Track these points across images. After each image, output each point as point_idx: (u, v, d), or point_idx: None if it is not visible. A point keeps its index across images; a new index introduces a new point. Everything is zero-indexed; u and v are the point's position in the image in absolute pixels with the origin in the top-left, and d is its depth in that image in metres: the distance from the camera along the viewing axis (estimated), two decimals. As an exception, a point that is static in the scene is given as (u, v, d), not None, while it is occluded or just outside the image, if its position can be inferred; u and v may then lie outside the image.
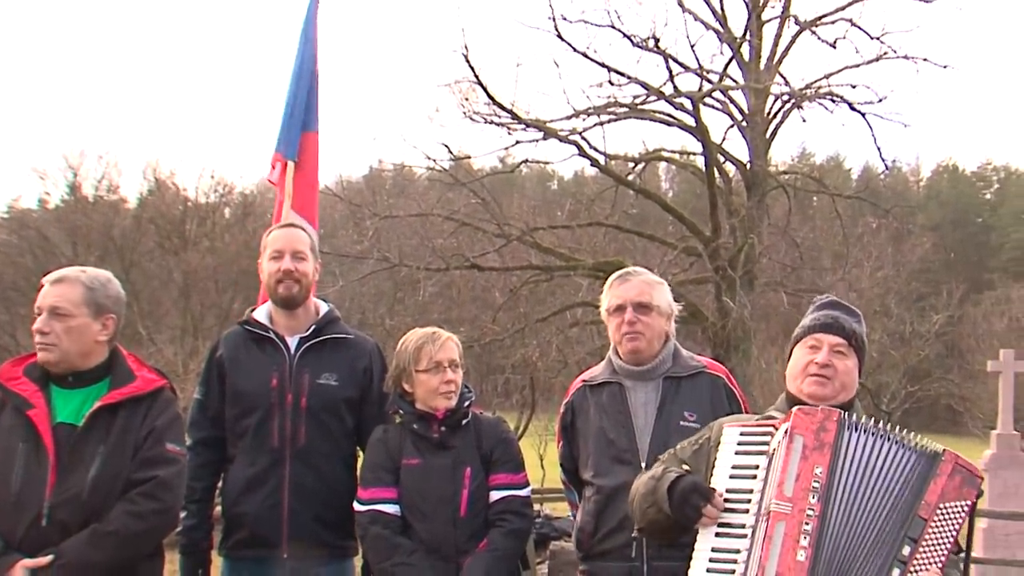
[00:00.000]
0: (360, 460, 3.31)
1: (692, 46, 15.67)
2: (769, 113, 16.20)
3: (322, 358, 3.33)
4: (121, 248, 23.55)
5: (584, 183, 23.72)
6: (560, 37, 14.80)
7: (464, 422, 3.11)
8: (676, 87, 15.34)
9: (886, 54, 15.73)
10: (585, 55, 14.95)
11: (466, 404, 3.12)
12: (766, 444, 2.41)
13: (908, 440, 2.36)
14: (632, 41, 15.13)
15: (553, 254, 15.27)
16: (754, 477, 2.38)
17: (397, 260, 15.05)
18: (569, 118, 14.92)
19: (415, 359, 3.08)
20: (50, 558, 2.64)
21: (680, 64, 15.46)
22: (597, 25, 14.95)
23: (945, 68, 15.81)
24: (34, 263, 21.08)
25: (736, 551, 2.33)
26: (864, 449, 2.33)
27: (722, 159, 15.90)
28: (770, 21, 16.08)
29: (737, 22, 15.87)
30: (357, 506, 3.08)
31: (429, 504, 3.02)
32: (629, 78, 15.15)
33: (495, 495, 3.07)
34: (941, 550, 2.27)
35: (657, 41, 14.92)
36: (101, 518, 2.70)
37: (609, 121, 15.28)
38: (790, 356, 2.66)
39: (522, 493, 3.12)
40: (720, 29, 15.72)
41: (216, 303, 23.08)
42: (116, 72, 62.87)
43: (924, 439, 2.39)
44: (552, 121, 14.94)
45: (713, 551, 2.37)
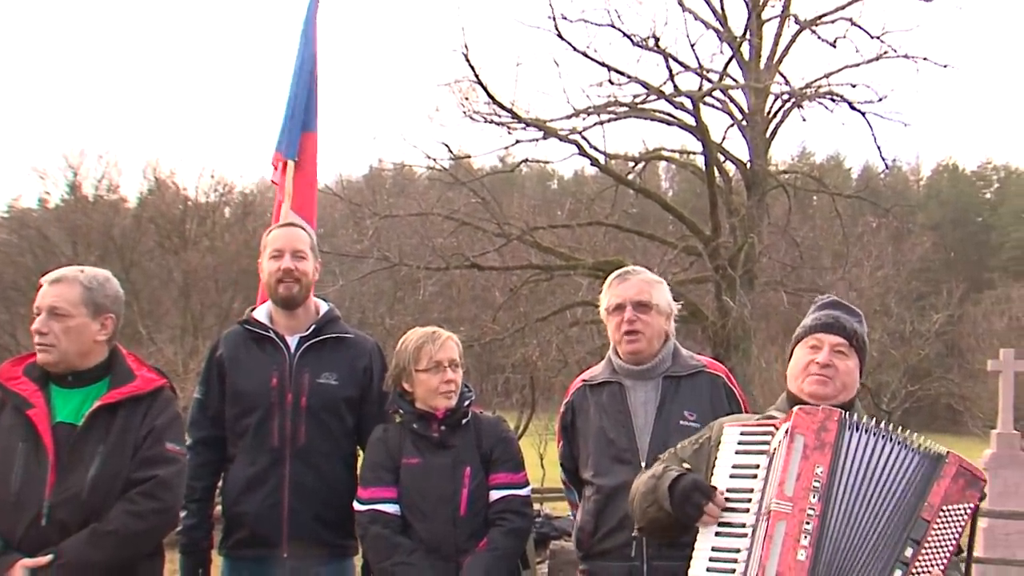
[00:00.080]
0: (360, 459, 3.31)
1: (692, 45, 15.71)
2: (769, 112, 16.20)
3: (322, 357, 3.32)
4: (121, 247, 23.56)
5: (584, 182, 23.71)
6: (560, 36, 14.82)
7: (464, 421, 3.11)
8: (676, 86, 15.35)
9: (886, 53, 15.74)
10: (585, 54, 14.97)
11: (466, 403, 3.12)
12: (767, 444, 2.41)
13: (910, 441, 2.36)
14: (632, 40, 15.14)
15: (553, 253, 15.27)
16: (755, 476, 2.38)
17: (397, 259, 15.06)
18: (569, 117, 14.94)
19: (415, 358, 3.07)
20: (50, 558, 2.64)
21: (680, 63, 15.48)
22: (597, 24, 14.98)
23: (945, 67, 15.84)
24: (34, 262, 21.07)
25: (736, 550, 2.33)
26: (865, 449, 2.33)
27: (722, 158, 15.91)
28: (770, 20, 16.10)
29: (737, 21, 15.91)
30: (357, 505, 3.08)
31: (429, 503, 3.01)
32: (629, 77, 15.16)
33: (495, 494, 3.07)
34: (943, 552, 2.27)
35: (657, 40, 14.93)
36: (101, 518, 2.70)
37: (609, 120, 15.29)
38: (791, 356, 2.66)
39: (522, 492, 3.11)
40: (720, 28, 15.73)
41: (216, 302, 23.09)
42: (116, 72, 62.94)
43: (927, 440, 2.39)
44: (552, 120, 14.97)
45: (713, 550, 2.37)
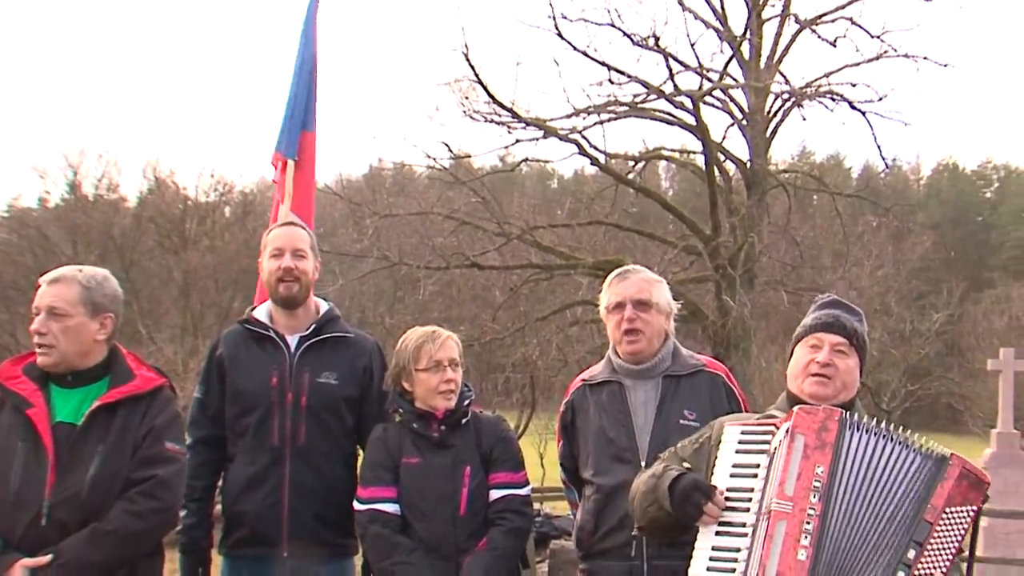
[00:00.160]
0: (360, 459, 3.31)
1: (692, 45, 15.70)
2: (769, 112, 16.19)
3: (322, 357, 3.32)
4: (121, 247, 23.56)
5: (584, 182, 23.69)
6: (560, 36, 14.82)
7: (464, 421, 3.11)
8: (676, 86, 15.34)
9: (886, 53, 15.73)
10: (585, 54, 14.96)
11: (466, 403, 3.12)
12: (767, 443, 2.40)
13: (913, 442, 2.36)
14: (632, 40, 15.13)
15: (553, 253, 15.27)
16: (755, 476, 2.38)
17: (397, 259, 15.06)
18: (569, 117, 14.93)
19: (415, 358, 3.07)
20: (49, 557, 2.64)
21: (680, 63, 15.47)
22: (597, 24, 14.97)
23: (945, 67, 15.83)
24: (34, 262, 21.07)
25: (736, 549, 2.33)
26: (867, 449, 2.32)
27: (722, 158, 15.90)
28: (770, 20, 16.08)
29: (737, 21, 15.90)
30: (357, 505, 3.08)
31: (429, 503, 3.01)
32: (629, 77, 15.16)
33: (495, 494, 3.06)
34: (946, 554, 2.27)
35: (657, 40, 14.92)
36: (100, 517, 2.69)
37: (609, 120, 15.28)
38: (791, 355, 2.66)
39: (522, 492, 3.11)
40: (720, 28, 15.72)
41: (216, 302, 23.10)
42: (116, 71, 62.93)
43: (930, 441, 2.38)
44: (552, 120, 14.96)
45: (713, 549, 2.37)
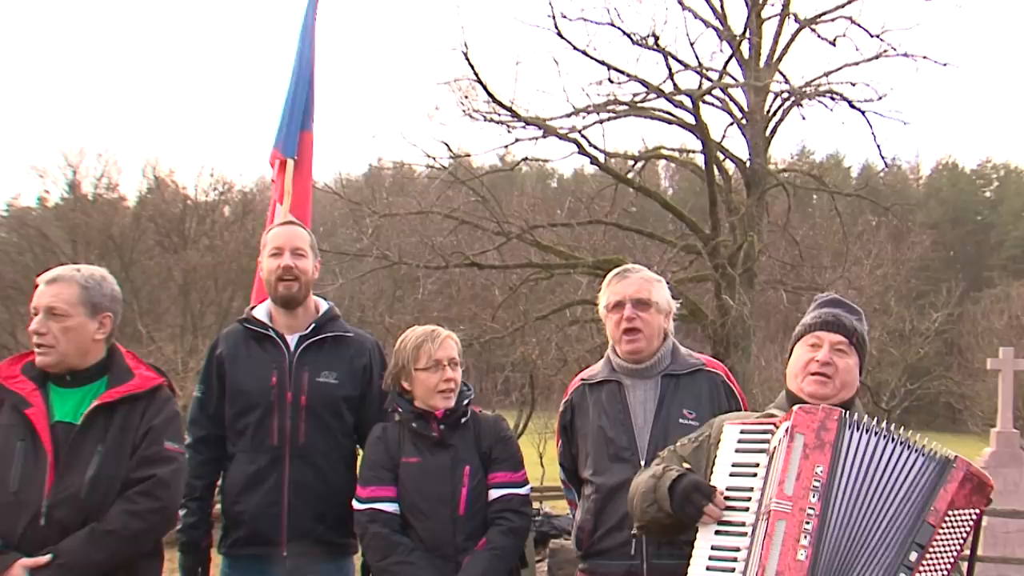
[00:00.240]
0: (359, 458, 3.31)
1: (692, 44, 15.68)
2: (769, 111, 16.18)
3: (321, 356, 3.32)
4: (120, 246, 23.56)
5: (584, 181, 23.68)
6: (560, 35, 14.79)
7: (463, 420, 3.11)
8: (676, 85, 15.33)
9: (886, 52, 15.71)
10: (585, 53, 14.94)
11: (465, 402, 3.12)
12: (766, 442, 2.40)
13: (915, 442, 2.35)
14: (632, 39, 15.11)
15: (553, 252, 15.26)
16: (754, 475, 2.38)
17: (397, 258, 15.04)
18: (569, 116, 14.90)
19: (414, 357, 3.07)
20: (49, 557, 2.64)
21: (680, 62, 15.45)
22: (597, 23, 14.94)
23: (945, 66, 15.79)
24: (34, 261, 21.06)
25: (736, 549, 2.32)
26: (867, 449, 2.32)
27: (722, 157, 15.89)
28: (770, 19, 16.06)
29: (737, 20, 15.87)
30: (356, 504, 3.08)
31: (428, 503, 3.01)
32: (629, 76, 15.13)
33: (494, 493, 3.06)
34: (948, 557, 2.26)
35: (657, 39, 14.90)
36: (100, 517, 2.69)
37: (609, 119, 15.26)
38: (790, 353, 2.65)
39: (521, 491, 3.11)
40: (720, 27, 15.70)
41: (215, 301, 23.10)
42: (116, 70, 62.89)
43: (933, 443, 2.37)
44: (552, 119, 14.93)
45: (713, 549, 2.37)
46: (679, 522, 2.47)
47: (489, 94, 14.53)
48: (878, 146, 17.50)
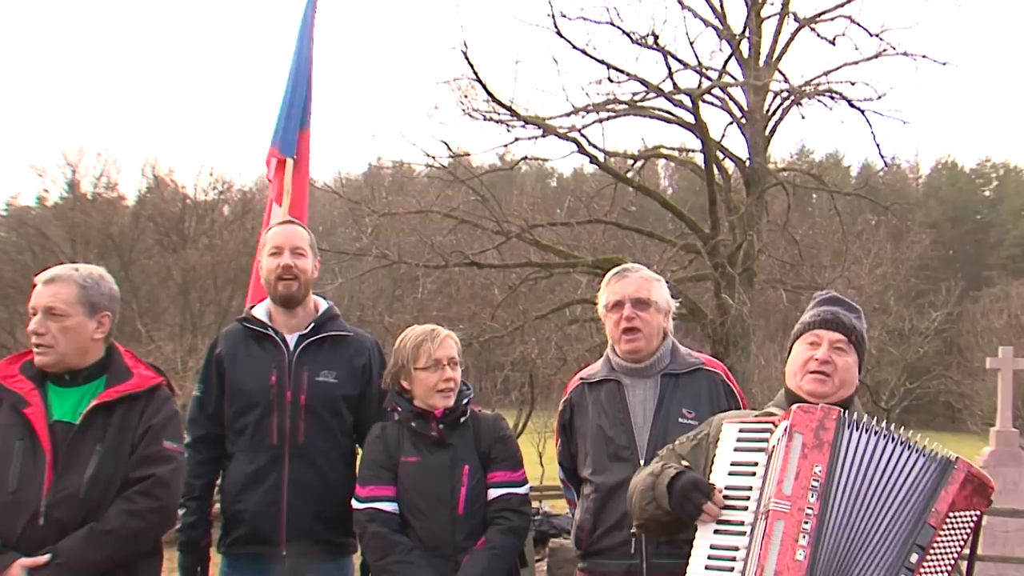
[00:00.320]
0: (359, 457, 3.30)
1: (691, 43, 15.67)
2: (768, 110, 16.17)
3: (321, 355, 3.32)
4: (120, 245, 23.56)
5: (583, 180, 23.68)
6: (559, 34, 14.78)
7: (463, 420, 3.11)
8: (675, 84, 15.32)
9: (885, 51, 15.70)
10: (584, 52, 14.92)
11: (465, 401, 3.12)
12: (765, 441, 2.40)
13: (916, 443, 2.34)
14: (631, 38, 15.10)
15: (552, 251, 15.25)
16: (753, 474, 2.37)
17: (396, 257, 15.04)
18: (568, 115, 14.90)
19: (414, 357, 3.07)
20: (48, 557, 2.63)
21: (679, 61, 15.44)
22: (596, 22, 14.92)
23: (944, 65, 15.78)
24: (33, 260, 21.06)
25: (735, 548, 2.32)
26: (866, 448, 2.31)
27: (721, 156, 15.88)
28: (769, 18, 16.05)
29: (736, 19, 15.86)
30: (355, 504, 3.07)
31: (427, 502, 3.01)
32: (628, 75, 15.12)
33: (493, 493, 3.06)
34: (948, 559, 2.26)
35: (656, 38, 14.88)
36: (99, 517, 2.69)
37: (608, 118, 15.25)
38: (789, 352, 2.65)
39: (520, 491, 3.11)
40: (719, 26, 15.70)
41: (215, 300, 23.10)
42: (115, 69, 62.86)
43: (934, 443, 2.37)
44: (551, 118, 14.92)
45: (712, 548, 2.37)
46: (678, 520, 2.47)
47: (489, 93, 14.52)
48: (877, 145, 17.47)
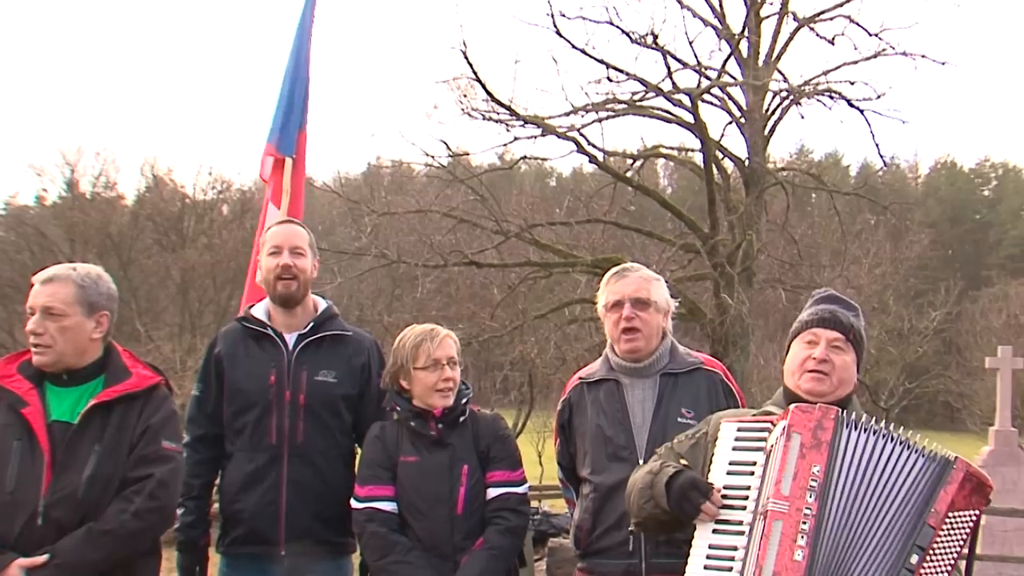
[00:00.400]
0: (358, 457, 3.30)
1: (691, 43, 15.69)
2: (767, 110, 16.17)
3: (320, 355, 3.32)
4: (119, 245, 23.57)
5: (582, 180, 23.69)
6: (559, 34, 14.78)
7: (462, 419, 3.11)
8: (674, 84, 15.32)
9: (884, 51, 15.70)
10: (583, 52, 14.92)
11: (464, 401, 3.12)
12: (763, 440, 2.39)
13: (915, 443, 2.33)
14: (630, 38, 15.10)
15: (551, 251, 15.25)
16: (751, 474, 2.37)
17: (395, 257, 15.04)
18: (567, 115, 14.89)
19: (413, 356, 3.07)
20: (46, 557, 2.63)
21: (678, 61, 15.44)
22: (595, 22, 14.92)
23: (943, 65, 15.79)
24: (31, 260, 21.06)
25: (733, 548, 2.32)
26: (865, 448, 2.31)
27: (720, 156, 15.89)
28: (769, 17, 16.05)
29: (735, 18, 15.86)
30: (354, 503, 3.07)
31: (426, 502, 3.01)
32: (627, 75, 15.12)
33: (492, 492, 3.06)
34: (948, 559, 2.26)
35: (655, 38, 14.88)
36: (97, 516, 2.69)
37: (607, 118, 15.25)
38: (788, 351, 2.64)
39: (519, 490, 3.11)
40: (718, 26, 15.69)
41: (214, 300, 23.11)
42: (114, 69, 62.85)
43: (933, 443, 2.36)
44: (550, 118, 14.92)
45: (711, 548, 2.36)
46: (676, 519, 2.47)
47: (488, 93, 14.52)
48: (876, 145, 17.46)
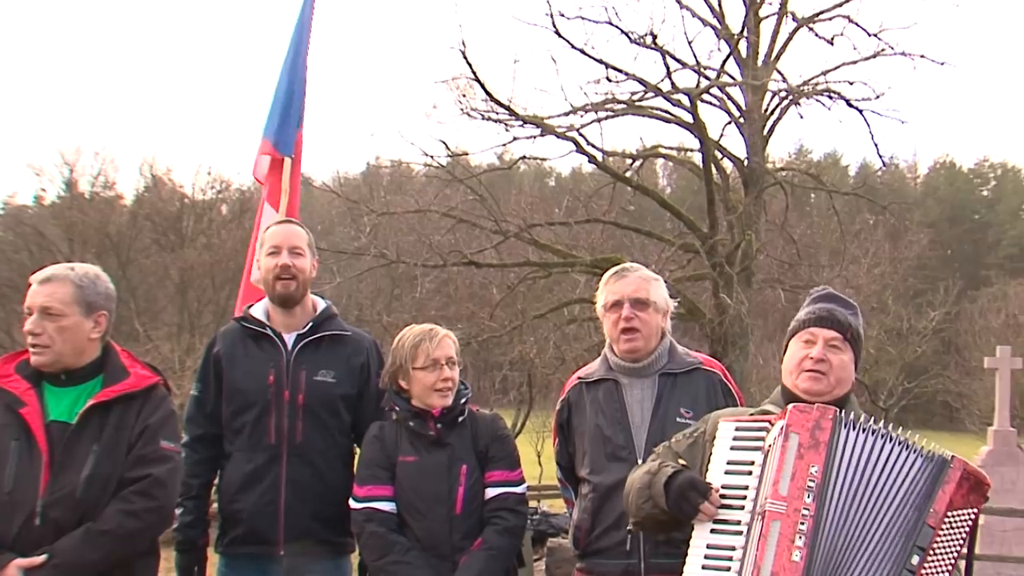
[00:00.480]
0: (357, 457, 3.30)
1: (690, 43, 15.69)
2: (766, 110, 16.17)
3: (319, 355, 3.32)
4: (117, 245, 23.57)
5: (582, 179, 23.69)
6: (558, 34, 14.77)
7: (460, 419, 3.11)
8: (674, 84, 15.31)
9: (883, 51, 15.70)
10: (583, 52, 14.92)
11: (463, 401, 3.12)
12: (761, 440, 2.39)
13: (913, 443, 2.33)
14: (630, 38, 15.10)
15: (551, 251, 15.26)
16: (750, 473, 2.37)
17: (394, 257, 15.04)
18: (567, 114, 14.89)
19: (412, 356, 3.07)
20: (44, 557, 2.62)
21: (678, 61, 15.44)
22: (595, 22, 14.92)
23: (942, 65, 15.78)
24: (30, 260, 21.05)
25: (731, 548, 2.32)
26: (863, 448, 2.30)
27: (719, 156, 15.89)
28: (768, 17, 16.05)
29: (735, 18, 15.86)
30: (353, 503, 3.07)
31: (425, 502, 3.01)
32: (627, 74, 15.12)
33: (490, 492, 3.06)
34: (948, 559, 2.25)
35: (655, 38, 14.88)
36: (95, 517, 2.68)
37: (607, 118, 15.25)
38: (785, 350, 2.64)
39: (518, 490, 3.11)
40: (718, 26, 15.69)
41: (213, 300, 23.11)
42: (113, 68, 62.81)
43: (931, 443, 2.36)
44: (550, 117, 14.92)
45: (708, 548, 2.36)
46: (674, 519, 2.46)
47: (487, 92, 14.52)
48: (876, 145, 17.56)
